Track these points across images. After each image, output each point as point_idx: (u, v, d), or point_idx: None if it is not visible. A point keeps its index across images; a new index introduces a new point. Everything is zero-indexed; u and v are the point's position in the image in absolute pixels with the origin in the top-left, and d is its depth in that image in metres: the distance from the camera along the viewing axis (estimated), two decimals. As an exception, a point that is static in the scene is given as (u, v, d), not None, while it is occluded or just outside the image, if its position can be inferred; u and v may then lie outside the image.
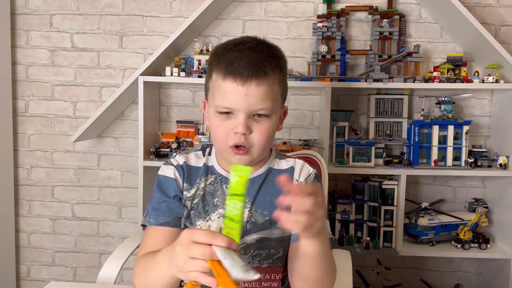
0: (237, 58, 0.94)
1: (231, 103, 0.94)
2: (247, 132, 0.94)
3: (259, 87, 0.93)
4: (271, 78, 0.96)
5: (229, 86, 0.93)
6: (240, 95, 0.93)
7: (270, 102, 0.96)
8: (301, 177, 1.07)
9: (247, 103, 0.93)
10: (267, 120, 0.97)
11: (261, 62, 0.94)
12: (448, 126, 1.97)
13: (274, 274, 1.03)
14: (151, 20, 2.15)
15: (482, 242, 1.96)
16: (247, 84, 0.92)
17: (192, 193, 1.03)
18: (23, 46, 2.20)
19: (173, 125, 2.17)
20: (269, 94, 0.95)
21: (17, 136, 2.23)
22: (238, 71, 0.92)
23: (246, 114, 0.94)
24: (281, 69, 1.00)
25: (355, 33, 2.11)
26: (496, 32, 2.07)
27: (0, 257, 2.13)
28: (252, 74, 0.92)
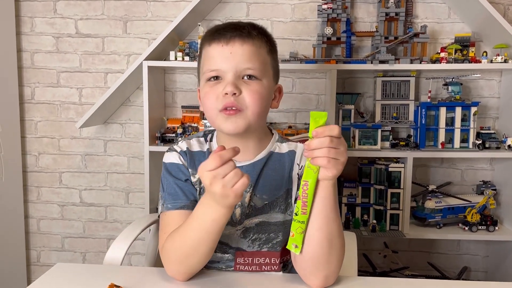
0: (221, 26, 0.99)
1: (217, 65, 0.94)
2: (236, 91, 0.92)
3: (243, 45, 0.94)
4: (256, 40, 0.97)
5: (215, 49, 0.95)
6: (225, 55, 0.94)
7: (258, 63, 0.96)
8: (302, 160, 1.05)
9: (233, 63, 0.93)
10: (257, 82, 0.95)
11: (245, 26, 0.98)
12: (456, 108, 1.94)
13: (274, 258, 1.03)
14: (154, 5, 2.14)
15: (490, 224, 1.95)
16: (231, 43, 0.94)
17: (197, 178, 1.02)
18: (28, 33, 2.20)
19: (178, 110, 2.17)
20: (255, 54, 0.96)
21: (24, 123, 2.25)
22: (222, 33, 0.95)
23: (234, 74, 0.94)
24: (268, 39, 1.01)
25: (360, 14, 2.08)
26: (505, 12, 2.03)
27: (10, 243, 2.17)
28: (236, 34, 0.95)
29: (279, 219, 1.02)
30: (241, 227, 1.02)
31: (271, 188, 1.01)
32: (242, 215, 1.01)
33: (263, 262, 1.03)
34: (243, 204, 1.01)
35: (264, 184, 1.01)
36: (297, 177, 1.03)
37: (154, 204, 1.97)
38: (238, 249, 1.03)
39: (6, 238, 2.12)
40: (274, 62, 1.03)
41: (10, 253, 2.16)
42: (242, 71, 0.94)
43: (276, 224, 1.02)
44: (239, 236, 1.02)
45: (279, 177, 1.02)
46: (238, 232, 1.02)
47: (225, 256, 1.03)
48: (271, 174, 1.02)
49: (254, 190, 1.01)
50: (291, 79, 2.13)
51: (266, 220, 1.02)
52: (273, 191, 1.01)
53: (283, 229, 1.02)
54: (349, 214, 2.00)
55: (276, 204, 1.02)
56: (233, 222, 1.01)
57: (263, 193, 1.01)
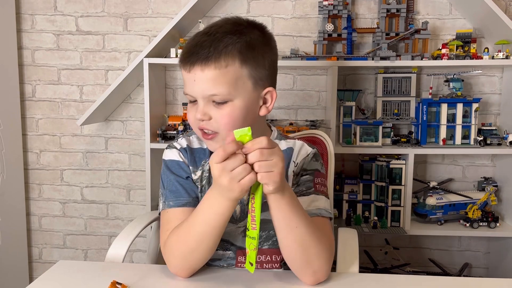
0: (187, 45, 0.94)
1: (188, 90, 0.94)
2: (205, 118, 0.92)
3: (204, 71, 0.90)
4: (220, 61, 0.89)
5: (183, 74, 0.94)
6: (190, 81, 0.92)
7: (223, 86, 0.90)
8: (299, 158, 1.06)
9: (197, 89, 0.92)
10: (228, 105, 0.91)
11: (209, 46, 0.90)
12: (457, 104, 1.94)
13: (275, 255, 1.04)
14: (155, 2, 2.13)
15: (491, 220, 1.95)
16: (192, 70, 0.91)
17: (199, 175, 1.03)
18: (28, 30, 2.20)
19: (179, 107, 2.17)
20: (218, 77, 0.90)
21: (25, 121, 2.25)
22: (187, 58, 0.92)
23: (202, 100, 0.92)
24: (240, 49, 0.91)
25: (361, 11, 2.07)
26: (506, 8, 2.03)
27: (12, 240, 2.17)
28: (196, 59, 0.90)
29: None
30: (242, 224, 1.03)
31: None
32: (242, 213, 1.02)
33: (264, 260, 1.04)
34: (242, 202, 1.02)
35: None
36: (292, 174, 1.04)
37: (156, 201, 1.97)
38: (239, 247, 1.03)
39: (8, 236, 2.13)
40: (254, 70, 0.94)
41: (12, 250, 2.17)
42: (208, 97, 0.91)
43: None
44: (241, 234, 1.03)
45: None
46: (239, 230, 1.03)
47: (226, 254, 1.04)
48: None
49: None
50: (292, 76, 2.12)
51: (266, 217, 0.99)
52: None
53: None
54: (350, 211, 2.00)
55: None
56: (233, 220, 1.02)
57: None
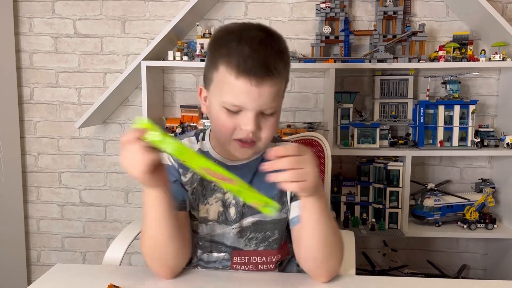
0: (250, 56, 0.88)
1: (242, 102, 0.89)
2: (256, 130, 0.92)
3: (272, 88, 0.90)
4: (282, 76, 0.93)
5: (242, 85, 0.88)
6: (252, 95, 0.88)
7: (279, 100, 0.95)
8: None
9: (259, 103, 0.90)
10: (274, 116, 0.95)
11: (275, 61, 0.90)
12: (454, 106, 1.94)
13: (270, 256, 1.05)
14: (153, 5, 2.14)
15: (488, 222, 1.95)
16: (261, 85, 0.88)
17: (189, 178, 1.04)
18: (26, 33, 2.20)
19: (177, 110, 2.17)
20: (279, 92, 0.93)
21: (23, 124, 2.25)
22: (253, 70, 0.87)
23: (256, 113, 0.91)
24: (288, 63, 0.97)
25: (359, 13, 2.08)
26: (503, 10, 2.04)
27: (10, 243, 2.17)
28: (267, 74, 0.88)
29: (274, 217, 1.03)
30: (237, 226, 1.03)
31: (266, 187, 0.98)
32: (237, 214, 1.03)
33: (260, 261, 1.05)
34: (238, 203, 1.03)
35: (260, 184, 1.00)
36: None
37: (154, 204, 1.97)
38: (234, 248, 1.04)
39: (6, 239, 2.13)
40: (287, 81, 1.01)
41: (10, 253, 2.17)
42: (265, 110, 0.92)
43: (272, 222, 1.03)
44: (236, 236, 1.03)
45: None
46: (234, 231, 1.03)
47: (221, 256, 1.04)
48: (265, 174, 0.98)
49: None
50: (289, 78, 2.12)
51: (262, 219, 1.03)
52: (268, 190, 1.00)
53: (279, 226, 1.04)
54: (348, 213, 2.00)
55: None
56: (227, 221, 1.03)
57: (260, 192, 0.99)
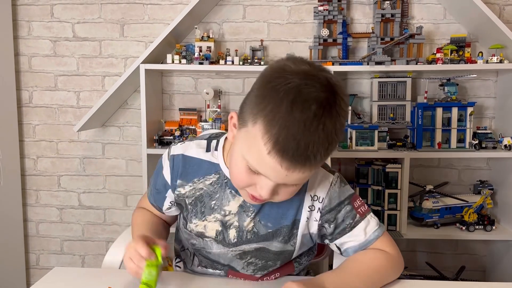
0: (291, 137, 0.72)
1: (265, 173, 0.79)
2: (271, 197, 0.83)
3: (304, 173, 0.78)
4: (320, 162, 0.79)
5: (272, 163, 0.75)
6: (279, 173, 0.77)
7: (307, 179, 0.86)
8: (319, 191, 0.95)
9: (283, 180, 0.79)
10: (295, 186, 0.84)
11: (318, 149, 0.75)
12: (452, 108, 1.95)
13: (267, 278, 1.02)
14: (151, 8, 2.14)
15: (487, 224, 1.96)
16: (291, 170, 0.76)
17: (187, 191, 0.97)
18: (25, 37, 2.20)
19: (176, 112, 2.18)
20: (310, 175, 0.82)
21: (22, 127, 2.25)
22: (287, 155, 0.74)
23: (277, 183, 0.81)
24: (335, 142, 0.79)
25: (357, 16, 2.09)
26: (500, 12, 2.04)
27: (10, 246, 2.17)
28: (302, 163, 0.75)
29: (279, 248, 0.96)
30: (235, 249, 0.97)
31: (277, 216, 0.94)
32: (238, 238, 0.96)
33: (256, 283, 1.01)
34: (241, 228, 0.95)
35: (270, 211, 0.94)
36: (307, 209, 0.95)
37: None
38: (231, 267, 1.01)
39: (5, 242, 2.13)
40: None
41: (9, 256, 2.16)
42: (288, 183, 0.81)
43: (277, 254, 0.97)
44: (235, 257, 0.98)
45: (286, 205, 0.94)
46: (232, 253, 0.98)
47: (216, 272, 1.03)
48: (277, 203, 0.90)
49: (258, 217, 0.95)
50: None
51: (266, 247, 0.96)
52: (279, 219, 0.95)
53: (282, 258, 0.98)
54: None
55: (280, 233, 0.95)
56: (225, 243, 0.97)
57: (268, 221, 0.95)
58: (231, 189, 0.94)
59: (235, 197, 0.94)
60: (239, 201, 0.94)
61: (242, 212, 0.95)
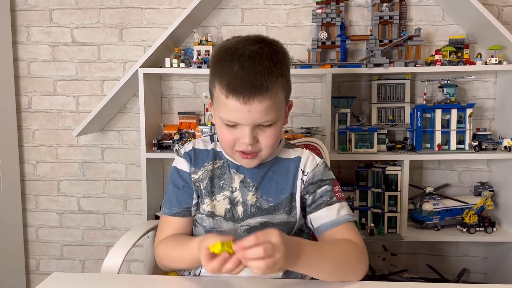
0: (238, 75, 0.92)
1: (235, 119, 0.96)
2: (253, 142, 0.98)
3: (261, 103, 0.93)
4: (273, 90, 0.94)
5: (232, 104, 0.93)
6: (243, 112, 0.94)
7: (274, 113, 0.97)
8: (307, 167, 1.10)
9: (251, 119, 0.95)
10: (273, 127, 0.99)
11: (263, 78, 0.92)
12: (451, 110, 1.94)
13: None
14: (150, 12, 2.15)
15: (488, 225, 1.95)
16: (249, 102, 0.92)
17: (199, 175, 1.10)
18: (24, 42, 2.21)
19: (175, 116, 2.18)
20: (272, 106, 0.95)
21: (21, 132, 2.25)
22: (240, 90, 0.92)
23: (251, 127, 0.96)
24: (283, 75, 0.98)
25: (355, 18, 2.09)
26: (498, 13, 2.04)
27: (9, 251, 2.16)
28: (254, 92, 0.92)
29: (283, 219, 1.07)
30: (244, 224, 1.07)
31: (276, 191, 1.08)
32: (245, 213, 1.07)
33: None
34: (246, 203, 1.07)
35: (270, 187, 1.08)
36: (301, 182, 1.08)
37: (152, 211, 1.97)
38: None
39: (5, 247, 2.12)
40: (288, 89, 1.03)
41: (9, 262, 2.16)
42: (259, 123, 0.97)
43: (280, 224, 1.07)
44: (243, 233, 1.07)
45: (284, 180, 1.09)
46: (242, 229, 1.07)
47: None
48: (276, 177, 1.09)
49: (259, 192, 1.08)
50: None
51: (270, 220, 1.07)
52: (278, 194, 1.08)
53: (286, 229, 1.07)
54: (347, 218, 2.00)
55: (281, 206, 1.08)
56: (234, 219, 1.08)
57: (269, 196, 1.07)
58: (233, 168, 1.09)
59: (236, 174, 1.09)
60: (240, 178, 1.08)
61: (244, 187, 1.08)
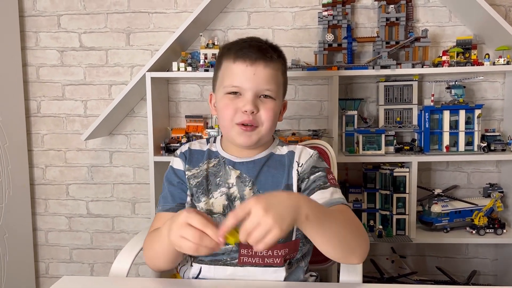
0: (246, 44, 1.06)
1: (240, 82, 1.04)
2: (255, 110, 1.04)
3: (266, 68, 1.04)
4: (276, 63, 1.08)
5: (239, 67, 1.04)
6: (249, 74, 1.03)
7: (275, 85, 1.07)
8: (302, 159, 1.13)
9: (255, 82, 1.03)
10: (272, 101, 1.07)
11: (267, 49, 1.07)
12: (459, 111, 1.93)
13: (276, 250, 1.07)
14: (157, 17, 2.16)
15: (497, 227, 1.93)
16: (255, 64, 1.03)
17: (194, 173, 1.13)
18: (32, 47, 2.23)
19: (182, 120, 2.18)
20: (274, 77, 1.07)
21: (30, 137, 2.28)
22: (247, 53, 1.04)
23: (254, 93, 1.04)
24: (283, 61, 1.13)
25: (361, 20, 2.09)
26: (506, 13, 2.03)
27: (19, 255, 2.18)
28: (260, 56, 1.04)
29: None
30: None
31: (272, 184, 1.10)
32: None
33: (266, 254, 1.07)
34: (243, 198, 1.09)
35: (266, 180, 1.10)
36: (296, 173, 1.11)
37: (160, 214, 1.98)
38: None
39: (15, 251, 2.14)
40: (285, 82, 1.16)
41: (19, 265, 2.18)
42: (261, 91, 1.05)
43: None
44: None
45: (279, 173, 1.12)
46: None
47: (228, 248, 1.07)
48: (271, 171, 1.12)
49: (256, 186, 1.10)
50: (293, 86, 2.13)
51: None
52: (274, 187, 1.10)
53: None
54: (355, 220, 1.99)
55: None
56: None
57: (265, 189, 1.09)
58: (228, 164, 1.12)
59: (232, 170, 1.11)
60: (237, 173, 1.11)
61: (240, 182, 1.10)
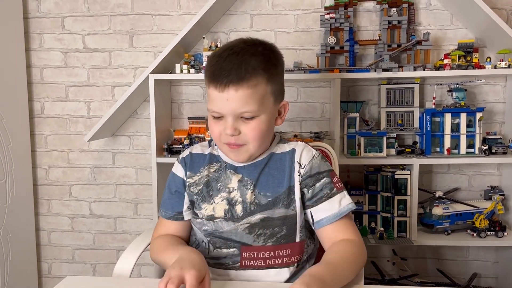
0: (217, 66, 1.01)
1: (218, 108, 1.02)
2: (235, 133, 1.02)
3: (238, 91, 0.99)
4: (252, 79, 1.00)
5: (213, 93, 1.02)
6: (222, 100, 1.00)
7: (254, 103, 1.01)
8: (303, 159, 1.11)
9: (229, 108, 1.00)
10: (255, 120, 1.03)
11: (240, 67, 0.99)
12: (461, 114, 1.94)
13: (278, 251, 1.08)
14: (160, 19, 2.17)
15: (498, 230, 1.94)
16: (226, 90, 0.99)
17: (195, 180, 1.14)
18: (37, 49, 2.24)
19: (185, 121, 2.20)
20: (250, 96, 1.00)
21: (34, 137, 2.29)
22: (217, 78, 1.00)
23: (232, 117, 1.02)
24: (265, 68, 1.02)
25: (363, 23, 2.10)
26: (507, 17, 2.04)
27: (22, 255, 2.19)
28: (230, 80, 0.98)
29: (282, 213, 1.08)
30: (245, 222, 1.08)
31: (274, 185, 1.09)
32: (244, 211, 1.08)
33: (268, 256, 1.08)
34: (245, 201, 1.08)
35: (267, 182, 1.09)
36: (298, 175, 1.09)
37: (162, 215, 1.99)
38: (243, 244, 1.08)
39: (18, 251, 2.15)
40: (275, 86, 1.07)
41: (22, 266, 2.19)
42: (240, 114, 1.01)
43: (280, 219, 1.08)
44: (244, 232, 1.08)
45: (280, 174, 1.10)
46: (242, 227, 1.08)
47: (230, 251, 1.08)
48: (272, 172, 1.11)
49: (257, 188, 1.09)
50: (295, 89, 2.14)
51: (270, 215, 1.08)
52: (276, 188, 1.09)
53: (287, 223, 1.08)
54: (357, 222, 2.00)
55: (279, 200, 1.08)
56: (234, 219, 1.09)
57: (267, 191, 1.09)
58: (230, 169, 1.12)
59: (234, 174, 1.11)
60: (238, 177, 1.11)
61: (242, 186, 1.10)
